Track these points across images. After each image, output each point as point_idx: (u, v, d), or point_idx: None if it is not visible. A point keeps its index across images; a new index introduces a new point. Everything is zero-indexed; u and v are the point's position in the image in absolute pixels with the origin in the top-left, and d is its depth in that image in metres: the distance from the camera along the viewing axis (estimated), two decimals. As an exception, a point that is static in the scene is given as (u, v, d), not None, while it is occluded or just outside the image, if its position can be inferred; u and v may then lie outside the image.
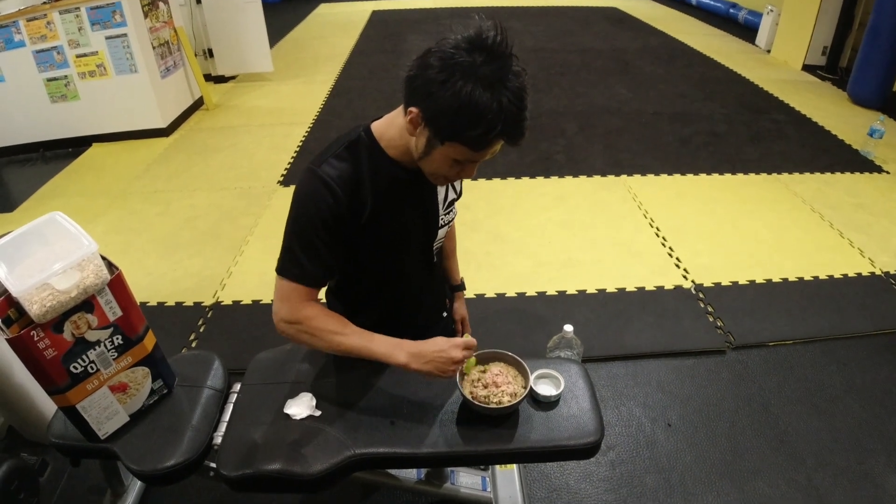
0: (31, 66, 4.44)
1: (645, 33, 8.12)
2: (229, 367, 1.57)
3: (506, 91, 1.00)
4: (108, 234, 3.49)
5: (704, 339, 2.60)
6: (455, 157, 1.09)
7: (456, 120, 1.02)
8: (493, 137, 1.03)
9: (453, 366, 1.21)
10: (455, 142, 1.06)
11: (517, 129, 1.04)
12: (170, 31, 5.02)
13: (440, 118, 1.04)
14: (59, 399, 1.22)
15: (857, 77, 5.29)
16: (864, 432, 2.15)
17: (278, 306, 1.24)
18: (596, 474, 2.01)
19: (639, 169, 4.13)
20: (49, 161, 4.62)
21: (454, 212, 1.41)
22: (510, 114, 1.01)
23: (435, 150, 1.10)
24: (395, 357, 1.21)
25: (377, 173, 1.20)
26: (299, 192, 1.19)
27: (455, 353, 1.20)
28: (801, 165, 4.16)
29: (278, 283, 1.24)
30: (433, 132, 1.07)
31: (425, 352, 1.20)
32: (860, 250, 3.19)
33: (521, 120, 1.04)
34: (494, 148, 1.08)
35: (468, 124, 1.01)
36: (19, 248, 1.18)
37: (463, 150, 1.07)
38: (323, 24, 9.27)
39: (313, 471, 1.18)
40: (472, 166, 1.15)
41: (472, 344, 1.24)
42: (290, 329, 1.24)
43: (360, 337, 1.23)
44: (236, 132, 4.97)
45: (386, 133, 1.21)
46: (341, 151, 1.19)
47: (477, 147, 1.06)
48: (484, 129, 1.01)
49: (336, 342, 1.23)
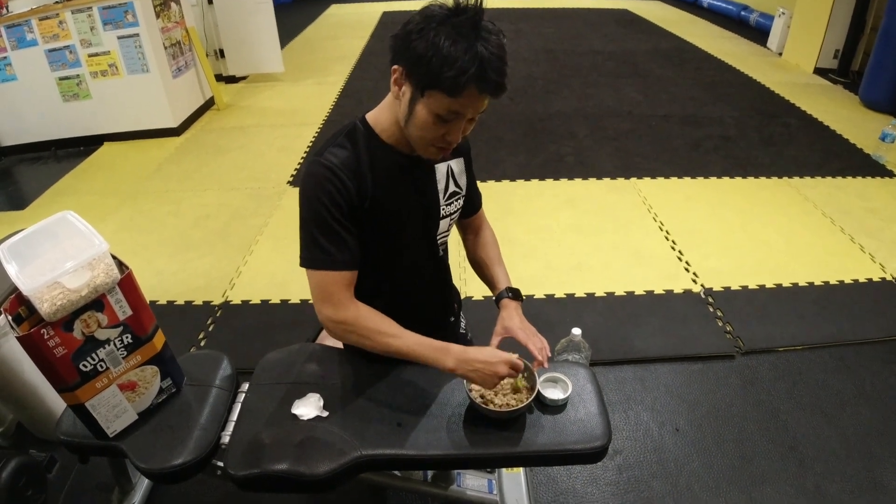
0: (43, 64, 4.48)
1: (656, 36, 8.09)
2: (238, 367, 1.57)
3: (481, 40, 1.04)
4: (118, 232, 3.51)
5: (713, 343, 2.58)
6: (435, 109, 1.10)
7: (431, 64, 1.05)
8: (466, 80, 1.04)
9: (496, 379, 1.21)
10: (432, 89, 1.08)
11: (491, 74, 1.05)
12: (181, 31, 5.05)
13: (417, 66, 1.07)
14: (69, 397, 1.23)
15: (869, 81, 5.25)
16: (873, 439, 2.13)
17: (321, 305, 1.24)
18: (603, 478, 2.01)
19: (649, 172, 4.11)
20: (61, 159, 4.65)
21: (457, 206, 1.41)
22: (484, 58, 1.04)
23: (417, 106, 1.12)
24: (442, 362, 1.22)
25: (375, 159, 1.23)
26: (306, 183, 1.21)
27: (501, 368, 1.20)
28: (813, 169, 4.13)
29: (312, 279, 1.24)
30: (413, 84, 1.11)
31: (472, 359, 1.21)
32: (871, 255, 3.16)
33: (496, 67, 1.06)
34: (475, 101, 1.09)
35: (443, 66, 1.04)
36: (30, 247, 1.19)
37: (441, 99, 1.08)
38: (334, 25, 9.29)
39: (320, 471, 1.18)
40: (456, 125, 1.14)
41: (519, 366, 1.23)
42: (337, 328, 1.25)
43: (410, 339, 1.24)
44: (247, 132, 4.99)
45: (380, 119, 1.25)
46: (340, 140, 1.22)
47: (452, 91, 1.06)
48: (457, 70, 1.03)
49: (385, 343, 1.23)
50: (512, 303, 1.44)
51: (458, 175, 1.39)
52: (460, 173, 1.40)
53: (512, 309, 1.43)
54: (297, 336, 1.68)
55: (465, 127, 1.17)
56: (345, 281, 1.23)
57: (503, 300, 1.45)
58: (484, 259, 1.55)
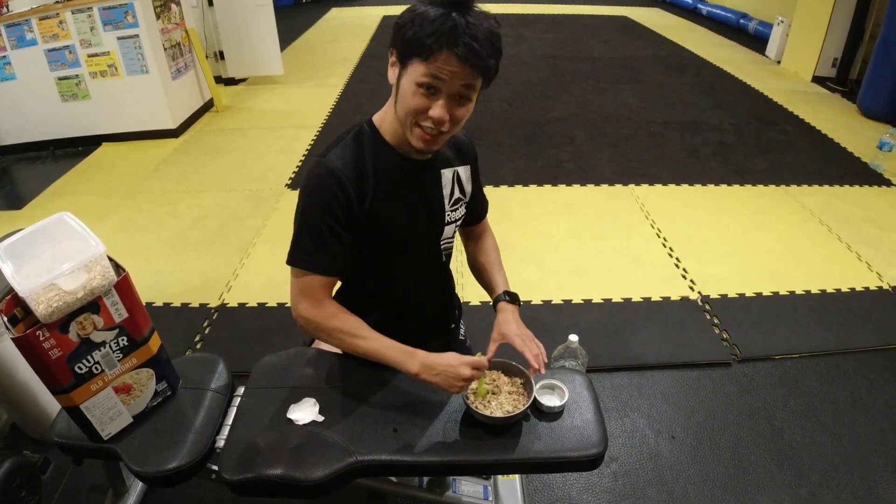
0: (42, 64, 4.47)
1: (655, 42, 8.12)
2: (233, 370, 1.56)
3: (460, 11, 1.06)
4: (116, 232, 3.50)
5: (710, 351, 2.58)
6: (415, 78, 1.10)
7: (408, 29, 1.08)
8: (437, 41, 1.05)
9: (461, 382, 1.20)
10: (411, 58, 1.10)
11: (463, 37, 1.05)
12: (181, 33, 5.05)
13: (398, 35, 1.11)
14: (63, 399, 1.22)
15: (867, 89, 5.27)
16: (869, 448, 2.13)
17: (297, 300, 1.26)
18: (598, 485, 2.00)
19: (647, 178, 4.12)
20: (59, 159, 4.64)
21: (461, 212, 1.41)
22: (459, 24, 1.05)
23: (402, 81, 1.13)
24: (407, 365, 1.22)
25: (379, 161, 1.24)
26: (307, 182, 1.22)
27: (464, 370, 1.20)
28: (810, 177, 4.14)
29: (292, 275, 1.26)
30: (398, 59, 1.13)
31: (436, 364, 1.21)
32: (868, 264, 3.17)
33: (471, 34, 1.06)
34: (452, 67, 1.08)
35: (417, 31, 1.06)
36: (27, 248, 1.18)
37: (418, 66, 1.09)
38: (334, 28, 9.31)
39: (315, 477, 1.18)
40: (438, 97, 1.12)
41: (481, 364, 1.22)
42: (306, 325, 1.27)
43: (376, 341, 1.25)
44: (246, 134, 4.99)
45: (385, 121, 1.26)
46: (346, 141, 1.24)
47: (426, 54, 1.07)
48: (429, 30, 1.05)
49: (352, 344, 1.25)
50: (509, 306, 1.43)
51: (464, 182, 1.40)
52: (467, 180, 1.41)
53: (508, 313, 1.41)
54: (294, 339, 1.68)
55: (454, 108, 1.14)
56: (323, 284, 1.25)
57: (500, 304, 1.44)
58: (484, 264, 1.54)
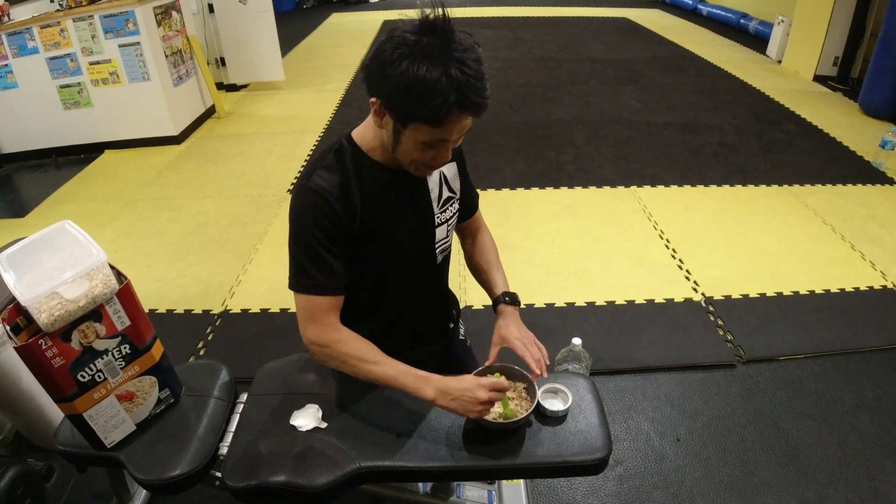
0: (44, 72, 4.49)
1: (655, 43, 8.11)
2: (236, 377, 1.56)
3: (453, 62, 1.01)
4: (118, 239, 3.51)
5: (714, 352, 2.58)
6: (421, 139, 1.09)
7: (409, 98, 1.03)
8: (447, 109, 1.02)
9: (479, 406, 1.18)
10: (415, 122, 1.07)
11: (471, 98, 1.03)
12: (182, 40, 5.06)
13: (395, 101, 1.06)
14: (66, 407, 1.22)
15: (868, 88, 5.26)
16: (875, 448, 2.12)
17: (305, 326, 1.24)
18: (603, 489, 2.00)
19: (649, 179, 4.12)
20: (61, 167, 4.66)
21: (453, 211, 1.40)
22: (461, 83, 1.01)
23: (402, 136, 1.11)
24: (422, 391, 1.19)
25: (363, 177, 1.22)
26: (294, 207, 1.21)
27: (481, 393, 1.17)
28: (813, 177, 4.14)
29: (298, 302, 1.24)
30: (394, 117, 1.09)
31: (452, 389, 1.18)
32: (872, 263, 3.16)
33: (475, 88, 1.03)
34: (460, 123, 1.07)
35: (420, 100, 1.02)
36: (29, 256, 1.19)
37: (425, 129, 1.07)
38: (334, 34, 9.32)
39: (318, 483, 1.17)
40: (445, 147, 1.13)
41: (501, 386, 1.20)
42: (318, 351, 1.24)
43: (389, 367, 1.22)
44: (247, 140, 5.00)
45: (365, 137, 1.24)
46: (327, 161, 1.21)
47: (435, 122, 1.05)
48: (437, 102, 1.01)
49: (364, 370, 1.22)
50: (509, 308, 1.41)
51: (451, 180, 1.38)
52: (453, 178, 1.39)
53: (508, 315, 1.39)
54: (296, 345, 1.67)
55: (454, 143, 1.15)
56: (330, 305, 1.23)
57: (500, 306, 1.42)
58: (482, 263, 1.53)
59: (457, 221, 1.46)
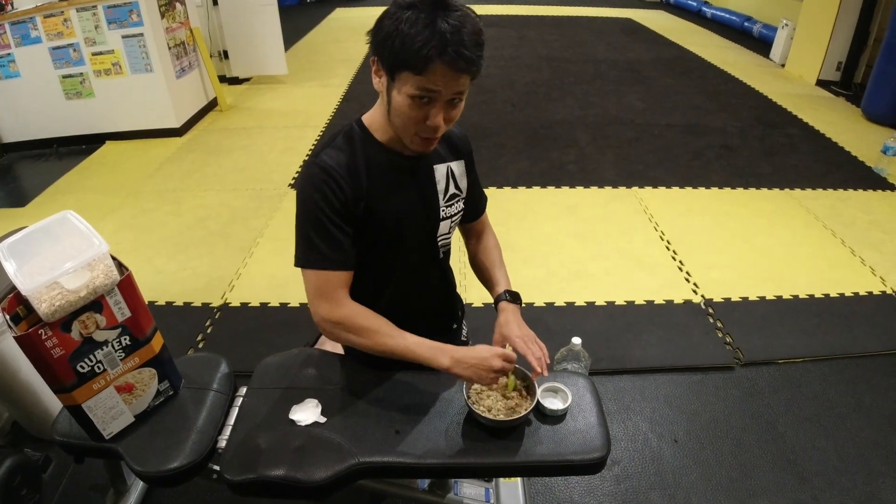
0: (47, 62, 4.48)
1: (659, 45, 8.11)
2: (236, 370, 1.56)
3: (441, 15, 1.05)
4: (119, 231, 3.50)
5: (713, 354, 2.58)
6: (408, 91, 1.10)
7: (395, 43, 1.06)
8: (427, 54, 1.04)
9: (492, 374, 1.21)
10: (400, 70, 1.09)
11: (452, 45, 1.04)
12: (186, 32, 5.05)
13: (384, 48, 1.10)
14: (65, 398, 1.22)
15: (871, 93, 5.26)
16: (871, 453, 2.12)
17: (317, 304, 1.24)
18: (600, 489, 2.00)
19: (651, 181, 4.11)
20: (63, 157, 4.65)
21: (457, 208, 1.40)
22: (445, 31, 1.04)
23: (393, 93, 1.13)
24: (438, 360, 1.22)
25: (371, 160, 1.23)
26: (302, 183, 1.22)
27: (495, 362, 1.21)
28: (814, 181, 4.13)
29: (307, 278, 1.24)
30: (385, 70, 1.12)
31: (466, 357, 1.21)
32: (872, 268, 3.16)
33: (458, 40, 1.05)
34: (445, 77, 1.08)
35: (405, 44, 1.05)
36: (30, 246, 1.18)
37: (409, 79, 1.08)
38: (338, 28, 9.31)
39: (317, 478, 1.17)
40: (435, 107, 1.12)
41: (511, 357, 1.24)
42: (331, 328, 1.25)
43: (405, 338, 1.24)
44: (249, 134, 4.99)
45: (375, 119, 1.26)
46: (337, 142, 1.23)
47: (417, 68, 1.06)
48: (418, 44, 1.04)
49: (380, 342, 1.23)
50: (510, 306, 1.42)
51: (458, 177, 1.38)
52: (461, 175, 1.39)
53: (509, 313, 1.40)
54: (296, 339, 1.67)
55: (448, 111, 1.14)
56: (340, 281, 1.23)
57: (501, 303, 1.43)
58: (485, 262, 1.54)
59: (462, 221, 1.46)
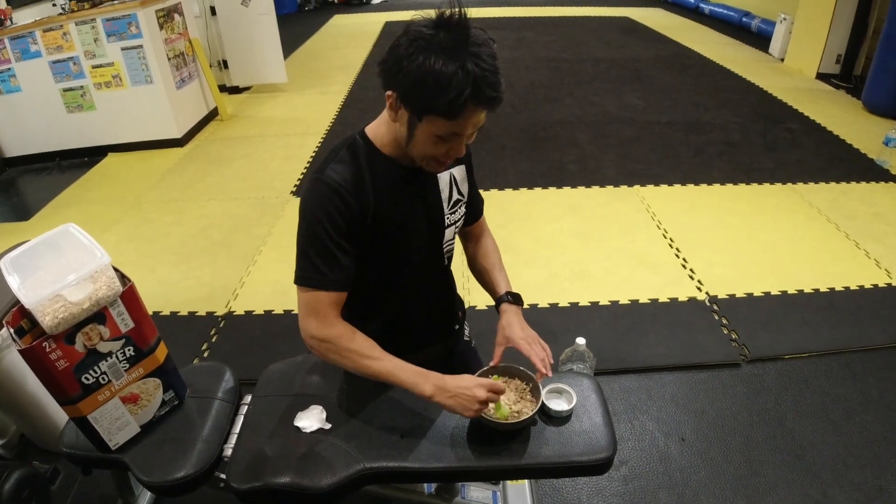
0: (47, 76, 4.50)
1: (657, 43, 8.10)
2: (241, 378, 1.57)
3: (469, 56, 1.02)
4: (122, 242, 3.51)
5: (719, 351, 2.57)
6: (436, 132, 1.10)
7: (425, 90, 1.04)
8: (462, 102, 1.03)
9: (477, 405, 1.18)
10: (430, 114, 1.07)
11: (487, 92, 1.04)
12: (185, 43, 5.07)
13: (411, 93, 1.07)
14: (71, 410, 1.22)
15: (871, 85, 5.24)
16: (880, 447, 2.11)
17: (306, 321, 1.23)
18: (608, 489, 1.99)
19: (652, 179, 4.11)
20: (65, 170, 4.67)
21: (460, 214, 1.40)
22: (476, 76, 1.02)
23: (416, 130, 1.12)
24: (420, 388, 1.19)
25: (376, 172, 1.22)
26: (307, 200, 1.21)
27: (479, 392, 1.18)
28: (816, 175, 4.12)
29: (301, 295, 1.23)
30: (410, 110, 1.10)
31: (450, 386, 1.19)
32: (876, 261, 3.15)
33: (491, 83, 1.04)
34: (474, 117, 1.08)
35: (437, 92, 1.03)
36: (33, 259, 1.19)
37: (440, 123, 1.08)
38: (337, 35, 9.33)
39: (323, 484, 1.17)
40: (459, 141, 1.14)
41: (498, 388, 1.20)
42: (318, 346, 1.24)
43: (388, 363, 1.22)
44: (250, 142, 5.00)
45: (379, 133, 1.25)
46: (341, 156, 1.22)
47: (451, 115, 1.06)
48: (453, 94, 1.02)
49: (364, 365, 1.22)
50: (512, 307, 1.42)
51: (460, 182, 1.39)
52: (462, 180, 1.40)
53: (512, 315, 1.40)
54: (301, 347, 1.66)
55: (468, 138, 1.16)
56: (333, 301, 1.23)
57: (503, 305, 1.43)
58: (485, 266, 1.54)
59: (462, 225, 1.47)
